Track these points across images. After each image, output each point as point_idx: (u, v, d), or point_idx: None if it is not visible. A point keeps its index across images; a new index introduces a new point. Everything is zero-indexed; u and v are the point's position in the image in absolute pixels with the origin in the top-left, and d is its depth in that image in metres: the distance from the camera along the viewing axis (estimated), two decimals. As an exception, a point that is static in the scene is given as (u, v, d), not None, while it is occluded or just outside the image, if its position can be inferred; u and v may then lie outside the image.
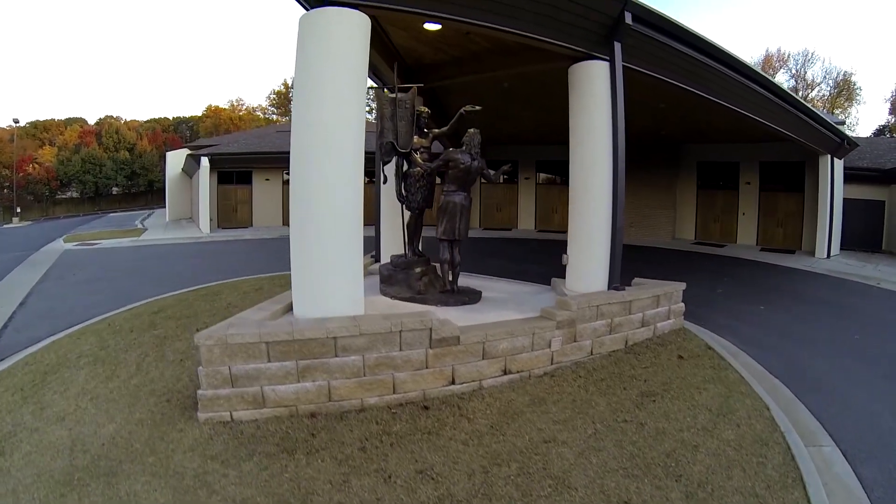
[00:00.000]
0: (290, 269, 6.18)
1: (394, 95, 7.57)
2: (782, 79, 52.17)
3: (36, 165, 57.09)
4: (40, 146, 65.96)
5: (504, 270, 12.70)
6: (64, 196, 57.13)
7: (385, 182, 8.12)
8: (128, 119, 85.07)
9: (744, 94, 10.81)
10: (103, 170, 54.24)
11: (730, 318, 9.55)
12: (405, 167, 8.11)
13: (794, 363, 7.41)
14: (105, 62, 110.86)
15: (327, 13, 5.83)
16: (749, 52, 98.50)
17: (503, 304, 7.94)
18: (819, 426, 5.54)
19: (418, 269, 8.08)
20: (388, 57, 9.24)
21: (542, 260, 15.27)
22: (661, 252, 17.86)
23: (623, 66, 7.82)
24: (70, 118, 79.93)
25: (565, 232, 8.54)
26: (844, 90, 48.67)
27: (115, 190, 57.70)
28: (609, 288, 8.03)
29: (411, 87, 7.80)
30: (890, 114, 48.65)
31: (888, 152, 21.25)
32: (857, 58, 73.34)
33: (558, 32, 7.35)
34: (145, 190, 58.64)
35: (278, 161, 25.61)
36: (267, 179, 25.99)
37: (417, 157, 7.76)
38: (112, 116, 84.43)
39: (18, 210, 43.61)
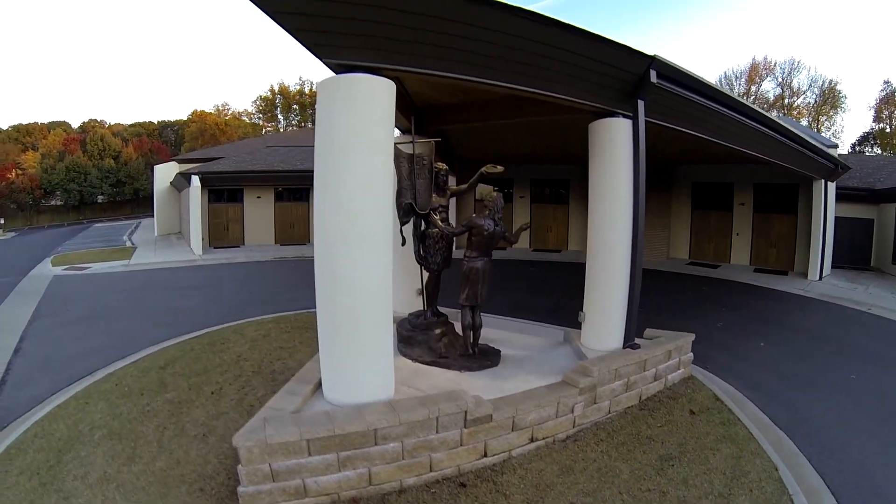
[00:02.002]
0: (290, 301, 6.21)
1: (411, 152, 7.51)
2: (768, 87, 52.90)
3: (19, 172, 56.17)
4: (23, 150, 64.89)
5: (507, 304, 12.77)
6: (48, 204, 56.25)
7: (403, 244, 8.02)
8: (112, 123, 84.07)
9: (753, 137, 10.96)
10: (88, 178, 53.51)
11: (732, 358, 9.86)
12: (423, 226, 8.04)
13: (795, 411, 7.73)
14: (89, 65, 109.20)
15: (355, 80, 5.70)
16: (736, 61, 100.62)
17: (522, 364, 8.01)
18: (822, 484, 5.85)
19: (438, 331, 8.09)
20: (400, 102, 9.19)
21: (541, 287, 15.33)
22: (658, 275, 17.91)
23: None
24: (53, 122, 78.68)
25: (560, 252, 8.75)
26: (830, 98, 49.40)
27: (100, 198, 56.88)
28: (624, 345, 8.13)
29: (429, 142, 7.73)
30: (874, 121, 49.45)
31: (877, 170, 21.65)
32: (842, 65, 74.67)
33: (583, 92, 7.39)
34: (131, 198, 57.88)
35: (269, 179, 25.46)
36: (258, 197, 25.74)
37: (437, 218, 7.70)
38: (96, 120, 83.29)
39: (2, 221, 42.74)
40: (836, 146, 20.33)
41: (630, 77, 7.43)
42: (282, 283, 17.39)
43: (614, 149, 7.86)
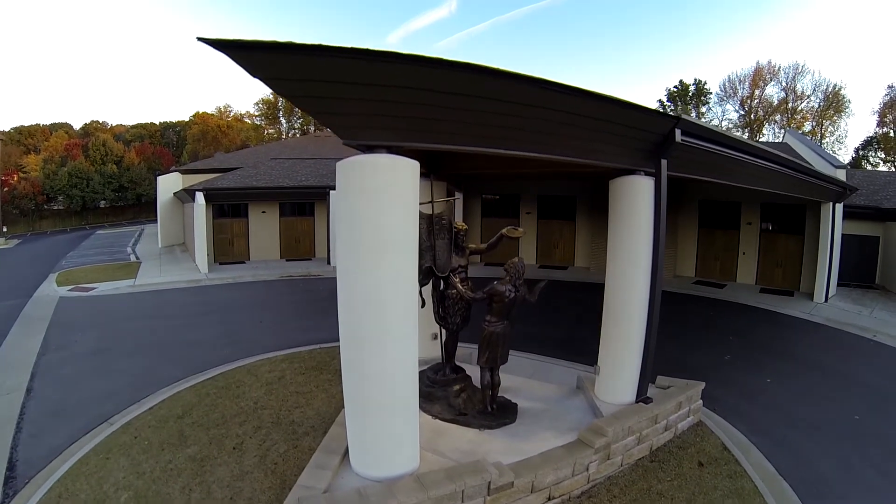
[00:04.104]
0: (301, 331, 6.19)
1: (430, 212, 7.50)
2: (772, 91, 52.79)
3: (21, 175, 56.16)
4: (25, 153, 64.89)
5: (516, 335, 12.73)
6: (50, 209, 56.21)
7: (423, 307, 7.98)
8: (114, 124, 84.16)
9: (769, 177, 10.99)
10: (91, 184, 53.36)
11: (739, 398, 10.06)
12: (442, 286, 8.05)
13: (800, 458, 7.94)
14: (91, 66, 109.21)
15: (378, 166, 5.53)
16: (739, 65, 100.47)
17: (539, 419, 8.11)
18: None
19: (457, 387, 8.19)
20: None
21: (549, 314, 15.28)
22: (664, 297, 17.50)
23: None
24: (55, 123, 78.81)
25: (566, 268, 8.84)
26: (834, 103, 49.32)
27: (102, 203, 56.83)
28: (637, 399, 8.20)
29: (448, 200, 7.73)
30: (878, 125, 49.37)
31: (884, 187, 21.64)
32: (847, 70, 74.78)
33: (607, 155, 7.42)
34: (133, 203, 57.83)
35: (274, 196, 25.50)
36: (263, 212, 25.79)
37: (457, 280, 7.71)
38: (98, 121, 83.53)
39: (4, 229, 42.70)
40: (844, 167, 20.27)
41: (655, 138, 7.44)
42: (290, 308, 17.42)
43: (635, 207, 7.88)
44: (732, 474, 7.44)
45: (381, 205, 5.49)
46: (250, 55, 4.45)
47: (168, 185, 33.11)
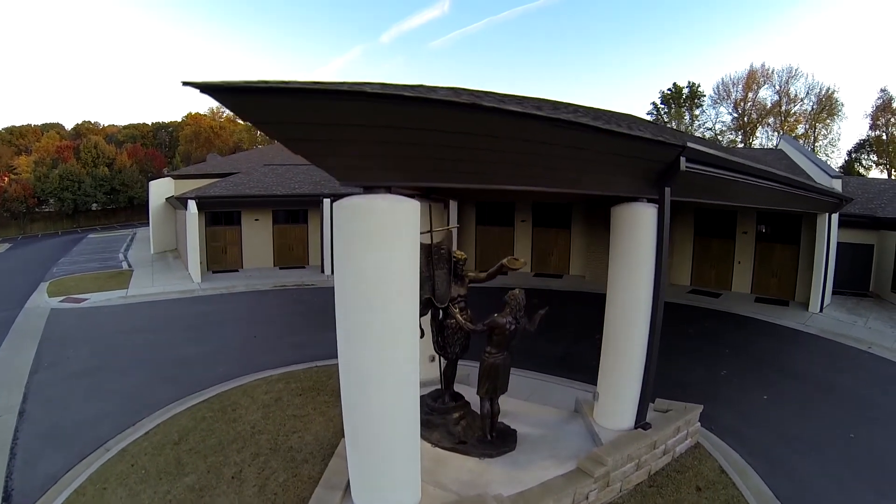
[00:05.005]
0: (295, 347, 6.12)
1: (429, 242, 7.42)
2: (766, 94, 52.99)
3: (12, 177, 55.53)
4: (16, 154, 64.22)
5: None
6: (42, 211, 55.61)
7: (422, 337, 7.91)
8: (106, 124, 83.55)
9: (771, 195, 10.96)
10: (82, 187, 52.83)
11: (736, 416, 10.07)
12: (441, 315, 7.98)
13: (797, 480, 8.00)
14: (82, 66, 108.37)
15: (377, 209, 5.27)
16: (733, 67, 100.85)
17: (538, 447, 8.06)
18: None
19: (456, 415, 8.15)
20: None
21: (545, 328, 15.19)
22: None
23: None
24: (46, 124, 78.12)
25: (561, 277, 8.75)
26: (827, 106, 49.54)
27: (94, 206, 56.28)
28: (636, 425, 8.17)
29: (447, 229, 7.65)
30: (870, 129, 49.66)
31: (878, 195, 21.74)
32: (840, 73, 75.28)
33: (611, 186, 7.36)
34: (125, 206, 57.31)
35: (267, 204, 25.34)
36: (256, 220, 25.59)
37: (456, 310, 7.63)
38: (90, 122, 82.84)
39: (-5, 233, 42.24)
40: (840, 176, 20.34)
41: (660, 167, 7.33)
42: (284, 321, 17.20)
43: (637, 237, 7.79)
44: (730, 499, 7.44)
45: (380, 250, 5.27)
46: (239, 98, 4.17)
47: (160, 189, 32.70)
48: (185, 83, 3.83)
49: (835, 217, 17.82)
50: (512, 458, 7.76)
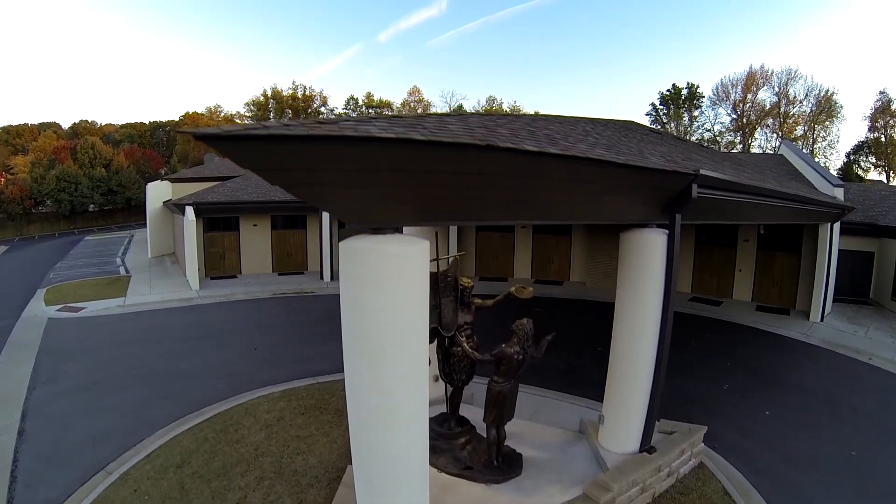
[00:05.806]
0: (296, 361, 6.03)
1: (436, 271, 7.32)
2: (765, 95, 52.98)
3: (9, 177, 55.27)
4: (13, 153, 63.86)
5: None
6: (39, 212, 55.33)
7: (430, 364, 7.87)
8: (103, 123, 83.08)
9: (777, 212, 10.90)
10: (79, 188, 52.52)
11: (739, 433, 10.09)
12: (447, 343, 7.89)
13: (800, 501, 8.09)
14: (80, 65, 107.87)
15: (386, 251, 4.98)
16: (732, 69, 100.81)
17: (544, 471, 8.03)
18: None
19: (462, 440, 8.12)
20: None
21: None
22: None
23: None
24: (43, 123, 77.65)
25: (561, 283, 8.70)
26: (826, 108, 49.57)
27: (91, 207, 56.00)
28: (641, 448, 8.13)
29: (454, 257, 7.56)
30: (869, 130, 49.74)
31: (879, 202, 21.73)
32: (839, 75, 75.34)
33: (619, 216, 7.31)
34: (123, 207, 57.02)
35: (266, 209, 25.21)
36: (255, 225, 25.37)
37: (463, 339, 7.56)
38: (87, 121, 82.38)
39: (-8, 234, 41.98)
40: (842, 185, 20.27)
41: (670, 194, 7.23)
42: (284, 331, 17.06)
43: (647, 262, 7.69)
44: (734, 523, 7.45)
45: (391, 295, 5.05)
46: (237, 146, 3.82)
47: (157, 193, 32.45)
48: (178, 131, 3.64)
49: (836, 226, 17.78)
50: (518, 483, 7.71)
